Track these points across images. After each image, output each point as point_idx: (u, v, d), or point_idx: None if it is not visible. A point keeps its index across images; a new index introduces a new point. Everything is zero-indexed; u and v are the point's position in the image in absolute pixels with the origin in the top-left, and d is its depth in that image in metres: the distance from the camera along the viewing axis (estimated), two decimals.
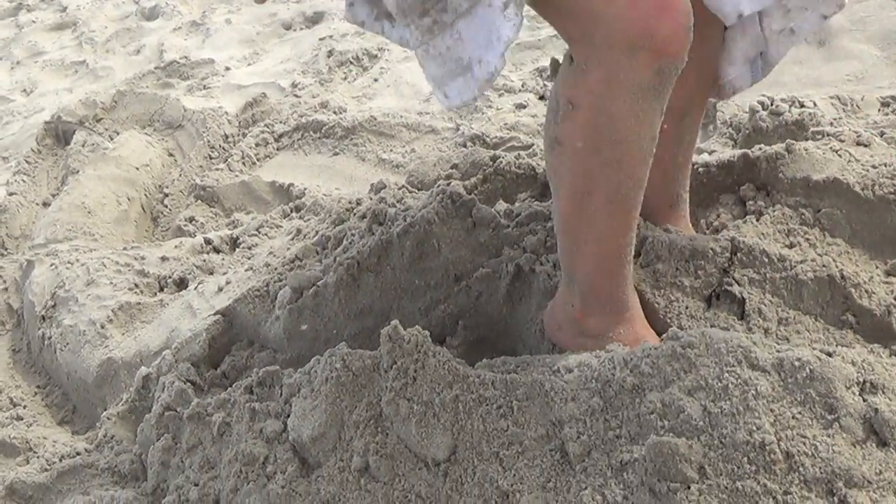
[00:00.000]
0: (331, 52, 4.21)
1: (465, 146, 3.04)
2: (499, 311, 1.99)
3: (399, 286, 2.04)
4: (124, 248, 2.96)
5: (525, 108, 3.26)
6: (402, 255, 2.03)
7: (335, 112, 3.61)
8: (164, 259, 2.80)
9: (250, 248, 2.73)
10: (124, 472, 2.10)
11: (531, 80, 3.45)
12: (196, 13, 5.29)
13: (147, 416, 2.09)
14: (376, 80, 3.89)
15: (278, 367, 1.94)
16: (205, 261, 2.71)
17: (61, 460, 2.19)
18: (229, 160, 3.47)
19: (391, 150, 3.26)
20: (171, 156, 3.66)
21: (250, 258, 2.63)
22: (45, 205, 3.51)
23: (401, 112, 3.47)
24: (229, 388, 2.02)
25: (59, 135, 3.86)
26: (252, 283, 2.32)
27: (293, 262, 2.31)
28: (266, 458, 1.75)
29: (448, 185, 2.14)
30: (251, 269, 2.44)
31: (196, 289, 2.50)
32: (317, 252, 2.32)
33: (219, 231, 3.01)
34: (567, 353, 1.72)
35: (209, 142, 3.60)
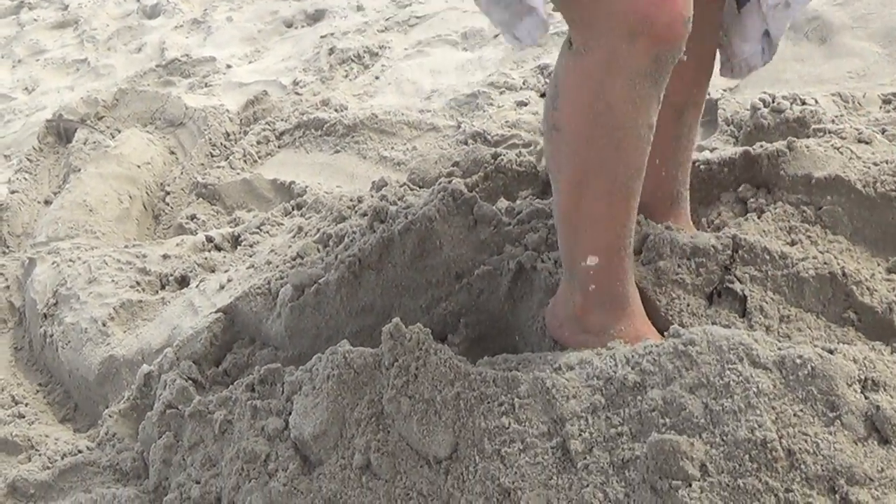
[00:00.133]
0: (332, 50, 4.21)
1: (466, 144, 3.04)
2: (500, 309, 1.98)
3: (400, 284, 2.04)
4: (126, 246, 2.96)
5: (526, 105, 3.25)
6: (404, 253, 2.03)
7: (336, 110, 3.61)
8: (165, 257, 2.80)
9: (252, 246, 2.73)
10: (126, 470, 2.11)
11: (532, 78, 3.45)
12: (197, 11, 5.29)
13: (149, 413, 2.09)
14: (377, 77, 3.89)
15: (280, 365, 1.94)
16: (206, 259, 2.72)
17: (63, 458, 2.19)
18: (231, 158, 3.47)
19: (392, 148, 3.26)
20: (172, 154, 3.66)
21: (252, 256, 2.63)
22: (47, 203, 3.51)
23: (402, 110, 3.47)
24: (231, 386, 2.02)
25: (60, 133, 3.86)
26: (253, 280, 2.32)
27: (294, 259, 2.31)
28: (268, 455, 1.75)
29: (449, 182, 2.14)
30: (252, 266, 2.44)
31: (197, 287, 2.50)
32: (318, 250, 2.32)
33: (220, 229, 3.01)
34: (568, 350, 1.72)
35: (210, 140, 3.60)
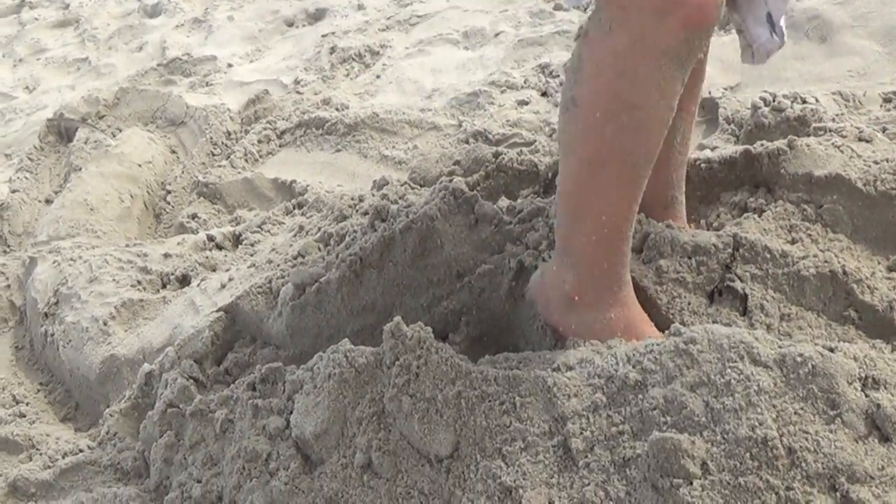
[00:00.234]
0: (333, 49, 4.21)
1: (467, 143, 3.04)
2: (501, 308, 1.98)
3: (401, 283, 2.04)
4: (127, 245, 2.96)
5: (527, 104, 3.25)
6: (405, 252, 2.03)
7: (337, 109, 3.61)
8: (166, 256, 2.80)
9: (253, 245, 2.73)
10: (127, 469, 2.11)
11: (533, 77, 3.45)
12: (198, 10, 5.30)
13: (150, 413, 2.09)
14: (379, 76, 3.89)
15: (281, 364, 1.94)
16: (207, 257, 2.72)
17: (64, 457, 2.19)
18: (232, 157, 3.47)
19: (393, 147, 3.26)
20: (173, 153, 3.66)
21: (253, 255, 2.63)
22: (48, 202, 3.52)
23: (403, 109, 3.47)
24: (232, 385, 2.02)
25: (61, 132, 3.86)
26: (255, 279, 2.32)
27: (296, 258, 2.31)
28: (269, 454, 1.75)
29: (450, 181, 2.14)
30: (254, 265, 2.44)
31: (199, 285, 2.51)
32: (319, 249, 2.32)
33: (221, 228, 3.01)
34: (569, 349, 1.71)
35: (211, 139, 3.60)
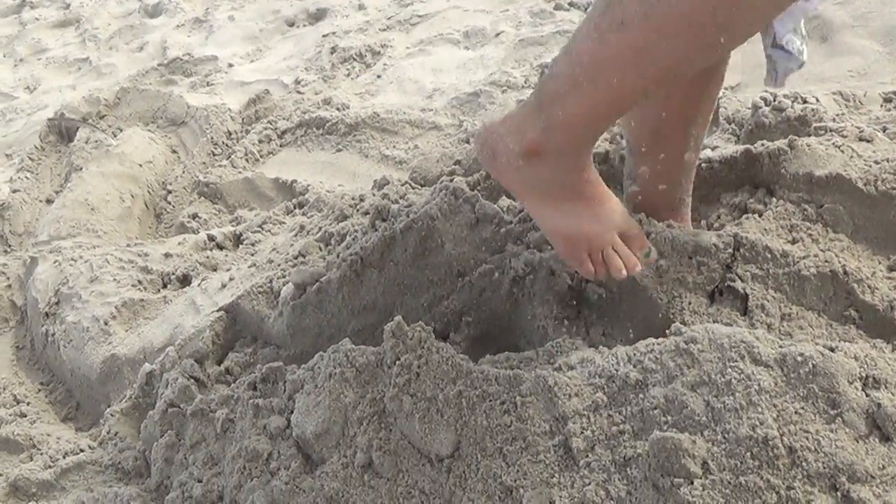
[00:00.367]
0: (334, 49, 4.21)
1: (468, 142, 3.04)
2: (502, 307, 1.98)
3: (402, 282, 2.04)
4: (127, 245, 2.96)
5: None
6: (406, 252, 2.03)
7: (338, 108, 3.61)
8: (167, 256, 2.80)
9: (253, 245, 2.73)
10: (128, 469, 2.11)
11: (534, 77, 3.44)
12: (199, 10, 5.30)
13: (150, 412, 2.09)
14: (379, 76, 3.89)
15: (282, 364, 1.94)
16: (208, 257, 2.72)
17: (65, 457, 2.19)
18: (232, 157, 3.47)
19: (394, 147, 3.26)
20: (174, 152, 3.66)
21: (253, 255, 2.63)
22: (49, 202, 3.52)
23: (404, 108, 3.47)
24: (233, 385, 2.02)
25: (62, 132, 3.86)
26: (255, 279, 2.32)
27: (296, 258, 2.31)
28: (269, 454, 1.75)
29: (451, 181, 2.14)
30: (254, 265, 2.44)
31: (199, 285, 2.51)
32: (320, 248, 2.32)
33: (222, 228, 3.01)
34: (571, 349, 1.72)
35: (212, 138, 3.60)
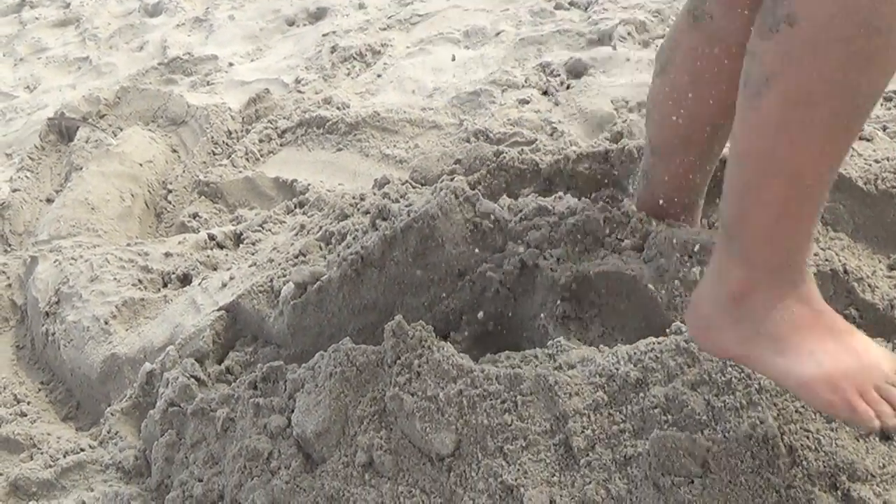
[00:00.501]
0: (334, 48, 4.20)
1: (468, 141, 3.03)
2: (503, 306, 1.98)
3: (403, 281, 2.04)
4: (128, 245, 2.96)
5: (528, 103, 3.25)
6: (406, 251, 2.03)
7: (338, 108, 3.61)
8: (167, 255, 2.80)
9: (254, 244, 2.73)
10: (128, 468, 2.11)
11: (534, 76, 3.44)
12: (199, 9, 5.29)
13: (151, 411, 2.09)
14: (379, 75, 3.88)
15: (282, 363, 1.94)
16: (208, 257, 2.71)
17: (65, 456, 2.19)
18: (233, 156, 3.47)
19: (394, 146, 3.26)
20: (174, 152, 3.66)
21: (254, 254, 2.63)
22: (49, 201, 3.51)
23: (404, 108, 3.46)
24: (233, 384, 2.02)
25: (62, 131, 3.85)
26: (256, 278, 2.32)
27: (297, 257, 2.31)
28: (270, 453, 1.75)
29: (451, 180, 2.14)
30: (255, 264, 2.44)
31: (200, 285, 2.50)
32: (320, 248, 2.32)
33: (222, 227, 3.01)
34: (570, 348, 1.71)
35: (212, 138, 3.60)
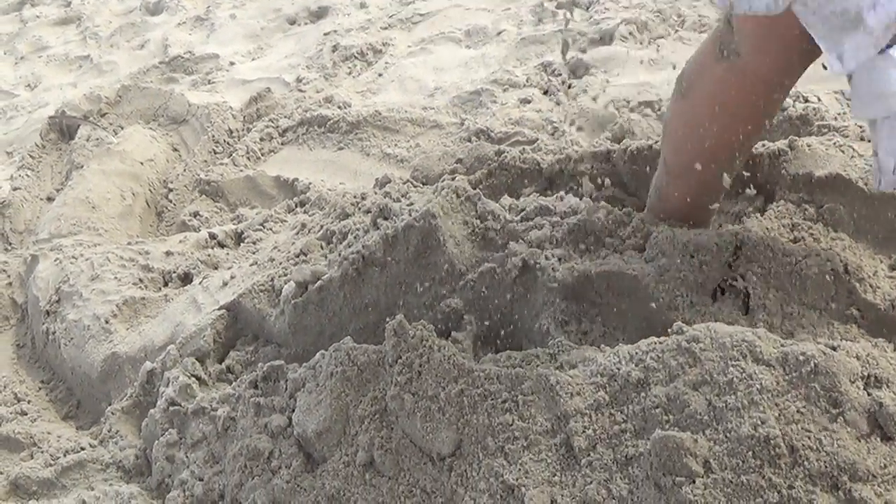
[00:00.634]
0: (335, 47, 4.20)
1: (469, 141, 3.03)
2: (504, 306, 1.98)
3: (404, 281, 2.04)
4: (129, 243, 2.96)
5: (529, 102, 3.25)
6: (407, 250, 2.02)
7: (340, 107, 3.61)
8: (168, 254, 2.80)
9: (255, 243, 2.73)
10: (129, 467, 2.11)
11: (535, 76, 3.44)
12: (200, 8, 5.29)
13: (151, 411, 2.09)
14: (381, 74, 3.88)
15: (283, 362, 1.94)
16: (209, 255, 2.71)
17: (65, 455, 2.19)
18: (234, 155, 3.47)
19: (396, 145, 3.25)
20: (175, 150, 3.66)
21: (255, 253, 2.63)
22: (50, 200, 3.52)
23: (405, 107, 3.46)
24: (234, 383, 2.02)
25: (63, 129, 3.85)
26: (257, 277, 2.32)
27: (298, 256, 2.31)
28: (271, 452, 1.75)
29: (453, 179, 2.14)
30: (256, 263, 2.44)
31: (201, 283, 2.50)
32: (321, 247, 2.32)
33: (223, 226, 3.01)
34: (571, 348, 1.71)
35: (213, 136, 3.60)
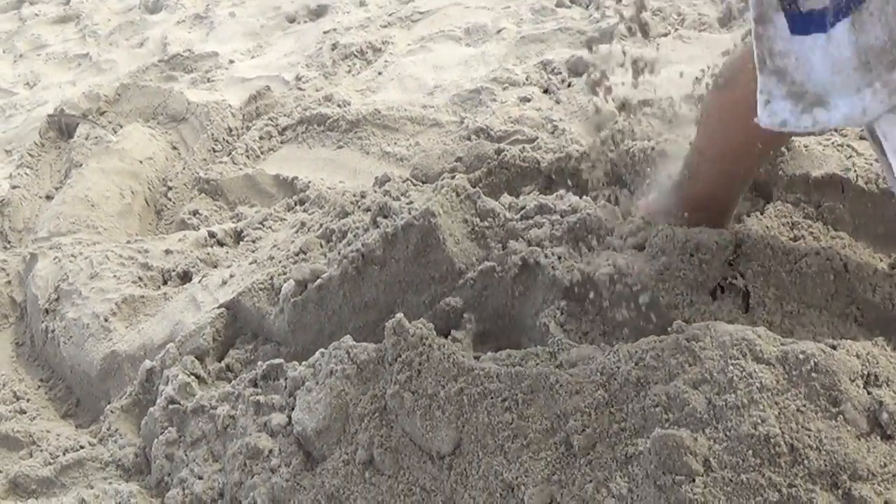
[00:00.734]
0: (335, 46, 4.20)
1: (469, 139, 3.03)
2: (503, 305, 1.98)
3: (403, 279, 2.04)
4: (128, 242, 2.96)
5: (529, 101, 3.24)
6: (407, 249, 2.02)
7: (339, 105, 3.60)
8: (167, 252, 2.80)
9: (254, 242, 2.73)
10: (128, 466, 2.11)
11: (535, 74, 3.44)
12: (199, 6, 5.28)
13: (151, 409, 2.09)
14: (380, 73, 3.88)
15: (282, 361, 1.94)
16: (209, 254, 2.71)
17: (65, 454, 2.19)
18: (233, 153, 3.46)
19: (395, 144, 3.25)
20: (174, 149, 3.65)
21: (254, 251, 2.63)
22: (49, 198, 3.51)
23: (405, 105, 3.46)
24: (233, 382, 2.02)
25: (62, 128, 3.85)
26: (256, 276, 2.32)
27: (297, 255, 2.31)
28: (270, 451, 1.75)
29: (452, 178, 2.14)
30: (255, 262, 2.44)
31: (200, 282, 2.50)
32: (321, 245, 2.32)
33: (223, 224, 3.01)
34: (571, 346, 1.71)
35: (213, 135, 3.59)
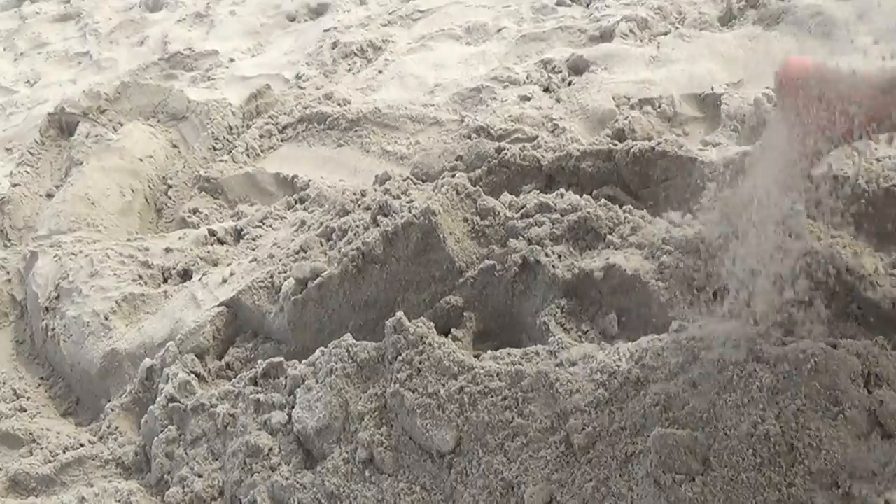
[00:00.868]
0: (335, 44, 4.20)
1: (469, 138, 3.03)
2: (504, 303, 1.98)
3: (404, 278, 2.04)
4: (128, 240, 2.96)
5: (530, 100, 3.24)
6: (407, 247, 2.02)
7: (339, 104, 3.60)
8: (168, 250, 2.80)
9: (254, 240, 2.73)
10: (128, 464, 2.11)
11: (536, 73, 3.43)
12: (200, 4, 5.28)
13: (151, 407, 2.09)
14: (381, 71, 3.88)
15: (283, 359, 1.94)
16: (209, 252, 2.71)
17: (65, 452, 2.19)
18: (233, 152, 3.46)
19: (396, 142, 3.25)
20: (174, 147, 3.65)
21: (254, 249, 2.63)
22: (49, 196, 3.51)
23: (405, 104, 3.46)
24: (233, 380, 2.02)
25: (62, 126, 3.85)
26: (256, 274, 2.32)
27: (297, 253, 2.31)
28: (270, 449, 1.75)
29: (453, 176, 2.14)
30: (255, 260, 2.44)
31: (200, 280, 2.50)
32: (321, 244, 2.32)
33: (223, 222, 3.01)
34: (571, 345, 1.71)
35: (213, 133, 3.59)
